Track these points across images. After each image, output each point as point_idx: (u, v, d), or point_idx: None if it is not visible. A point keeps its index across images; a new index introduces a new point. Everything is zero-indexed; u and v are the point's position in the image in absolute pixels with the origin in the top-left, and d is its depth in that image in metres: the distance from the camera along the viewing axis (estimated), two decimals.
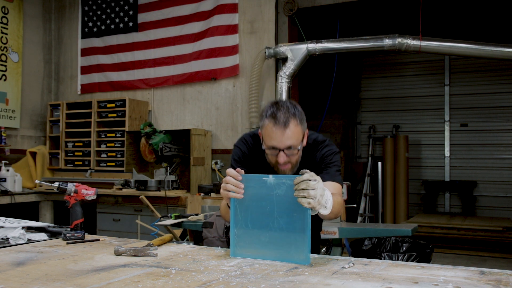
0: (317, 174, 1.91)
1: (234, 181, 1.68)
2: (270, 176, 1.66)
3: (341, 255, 3.57)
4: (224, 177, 1.73)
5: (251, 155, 2.09)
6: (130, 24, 6.50)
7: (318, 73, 7.82)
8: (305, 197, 1.56)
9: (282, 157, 1.87)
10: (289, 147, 1.86)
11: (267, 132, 1.87)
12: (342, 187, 2.08)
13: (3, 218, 2.23)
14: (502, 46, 4.99)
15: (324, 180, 1.94)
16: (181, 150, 5.71)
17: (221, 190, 1.71)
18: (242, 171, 1.70)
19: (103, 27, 6.72)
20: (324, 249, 3.76)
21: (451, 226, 6.37)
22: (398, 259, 3.75)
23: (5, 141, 6.05)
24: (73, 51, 7.00)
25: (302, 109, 1.96)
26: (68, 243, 1.93)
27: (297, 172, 1.93)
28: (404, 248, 4.11)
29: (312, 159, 2.05)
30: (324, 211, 1.64)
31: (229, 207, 1.78)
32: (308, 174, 1.58)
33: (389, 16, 7.47)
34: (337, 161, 2.05)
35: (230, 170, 1.70)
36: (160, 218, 3.75)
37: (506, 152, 8.18)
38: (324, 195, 1.61)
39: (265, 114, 1.89)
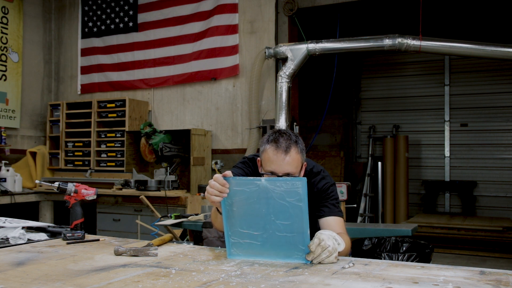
0: (316, 206, 2.01)
1: (218, 186, 1.65)
2: (262, 179, 1.65)
3: None
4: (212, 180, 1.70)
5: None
6: (130, 24, 6.50)
7: (318, 73, 7.82)
8: (328, 256, 1.58)
9: None
10: (288, 174, 1.85)
11: (267, 157, 1.87)
12: (344, 219, 2.12)
13: (3, 218, 2.23)
14: (502, 46, 4.99)
15: (325, 215, 2.01)
16: (181, 150, 5.70)
17: (205, 193, 1.70)
18: (230, 174, 1.68)
19: (103, 27, 6.72)
20: None
21: (451, 226, 6.37)
22: (398, 259, 3.75)
23: (5, 141, 6.05)
24: (73, 51, 7.00)
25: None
26: (68, 243, 1.93)
27: None
28: (404, 248, 4.11)
29: (308, 190, 2.06)
30: (340, 248, 1.66)
31: (219, 212, 1.77)
32: (313, 246, 1.58)
33: (389, 16, 7.47)
34: (334, 193, 2.08)
35: (217, 176, 1.67)
36: (160, 218, 3.75)
37: (506, 152, 8.18)
38: (332, 238, 1.62)
39: (266, 139, 1.90)
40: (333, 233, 1.67)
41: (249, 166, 2.12)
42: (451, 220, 6.76)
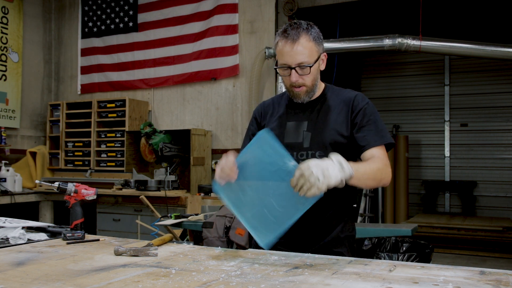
0: (353, 126, 1.83)
1: (227, 171, 1.61)
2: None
3: None
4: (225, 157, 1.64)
5: (272, 104, 2.01)
6: (130, 24, 6.50)
7: None
8: (309, 188, 1.45)
9: (294, 76, 1.77)
10: (301, 65, 1.75)
11: (278, 50, 1.79)
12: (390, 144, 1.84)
13: (3, 218, 2.23)
14: (502, 46, 5.00)
15: (371, 140, 1.79)
16: (181, 150, 5.71)
17: (216, 168, 1.67)
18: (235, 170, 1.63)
19: (103, 27, 6.72)
20: None
21: (451, 226, 6.38)
22: (398, 259, 3.75)
23: (5, 141, 6.05)
24: (73, 51, 7.00)
25: None
26: (68, 243, 1.93)
27: (322, 102, 1.87)
28: (404, 248, 4.11)
29: (341, 101, 1.88)
30: (342, 173, 1.50)
31: None
32: (298, 171, 1.48)
33: (389, 16, 7.47)
34: (376, 111, 1.85)
35: (229, 158, 1.62)
36: (160, 218, 3.75)
37: (506, 152, 8.18)
38: (326, 167, 1.47)
39: (278, 33, 1.81)
40: (337, 157, 1.53)
41: (264, 102, 2.06)
42: (451, 220, 6.76)
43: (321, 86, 1.94)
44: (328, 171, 1.47)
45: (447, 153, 8.53)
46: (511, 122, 8.16)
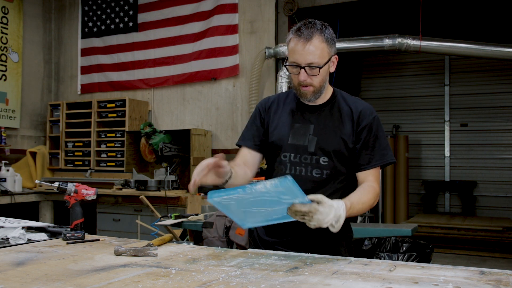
0: (357, 140, 1.83)
1: (197, 170, 1.57)
2: (248, 186, 1.50)
3: None
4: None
5: (277, 101, 1.98)
6: (130, 24, 6.50)
7: None
8: (302, 219, 1.51)
9: (302, 75, 1.76)
10: (311, 65, 1.74)
11: (290, 47, 1.78)
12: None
13: (3, 218, 2.23)
14: (502, 46, 5.00)
15: (372, 160, 1.82)
16: (181, 150, 5.71)
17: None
18: (223, 158, 1.60)
19: (103, 27, 6.72)
20: None
21: (451, 226, 6.38)
22: (398, 259, 3.75)
23: (5, 141, 6.05)
24: (73, 51, 7.00)
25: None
26: (68, 243, 1.93)
27: (330, 107, 1.87)
28: (404, 248, 4.11)
29: (349, 110, 1.89)
30: (331, 227, 1.55)
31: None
32: (306, 207, 1.48)
33: (389, 16, 7.47)
34: (380, 126, 1.86)
35: (205, 162, 1.57)
36: (160, 218, 3.75)
37: (506, 152, 8.18)
38: (327, 220, 1.51)
39: (291, 30, 1.80)
40: (338, 210, 1.54)
41: (268, 98, 2.02)
42: (451, 220, 6.76)
43: (329, 89, 1.92)
44: (323, 225, 1.52)
45: (447, 153, 8.53)
46: (511, 122, 8.16)
